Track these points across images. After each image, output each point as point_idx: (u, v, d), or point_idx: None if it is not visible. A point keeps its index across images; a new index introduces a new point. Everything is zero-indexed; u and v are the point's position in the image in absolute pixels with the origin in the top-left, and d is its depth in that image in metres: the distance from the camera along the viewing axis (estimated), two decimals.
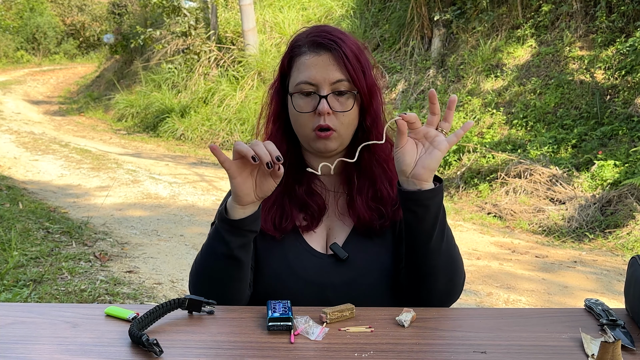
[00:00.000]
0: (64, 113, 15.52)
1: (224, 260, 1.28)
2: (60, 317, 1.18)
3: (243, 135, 10.76)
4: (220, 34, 13.03)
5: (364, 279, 1.35)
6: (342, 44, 1.34)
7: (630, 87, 7.25)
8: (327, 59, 1.34)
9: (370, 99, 1.38)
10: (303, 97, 1.36)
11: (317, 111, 1.33)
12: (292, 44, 1.40)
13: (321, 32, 1.37)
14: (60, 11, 28.68)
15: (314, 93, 1.34)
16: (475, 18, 9.62)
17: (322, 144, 1.36)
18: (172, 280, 4.27)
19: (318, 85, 1.34)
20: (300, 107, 1.36)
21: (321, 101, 1.33)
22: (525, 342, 1.10)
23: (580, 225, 5.88)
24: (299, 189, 1.42)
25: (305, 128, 1.37)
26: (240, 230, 1.26)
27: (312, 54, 1.35)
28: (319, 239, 1.42)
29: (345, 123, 1.36)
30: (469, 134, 7.93)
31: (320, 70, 1.34)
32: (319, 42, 1.35)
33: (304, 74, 1.35)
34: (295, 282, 1.35)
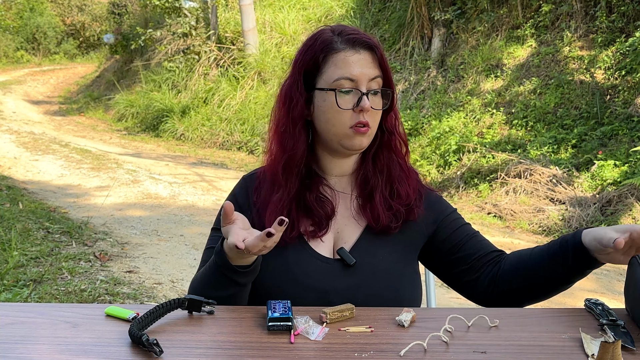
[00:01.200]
0: (64, 113, 15.52)
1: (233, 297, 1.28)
2: (60, 317, 1.18)
3: (243, 135, 10.76)
4: (220, 34, 13.03)
5: (370, 284, 1.34)
6: (377, 43, 1.39)
7: (630, 87, 7.25)
8: (368, 57, 1.36)
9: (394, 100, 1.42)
10: (343, 95, 1.34)
11: (360, 107, 1.33)
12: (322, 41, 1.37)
13: (355, 31, 1.39)
14: (60, 11, 28.67)
15: (355, 90, 1.34)
16: (475, 18, 9.62)
17: (358, 141, 1.35)
18: (172, 280, 4.27)
19: (358, 82, 1.34)
20: (341, 103, 1.34)
21: (363, 98, 1.33)
22: (525, 342, 1.10)
23: (581, 225, 5.87)
24: (309, 195, 1.40)
25: (342, 126, 1.35)
26: (252, 271, 1.27)
27: (353, 51, 1.35)
28: (327, 242, 1.40)
29: (376, 120, 1.38)
30: (468, 134, 7.94)
31: (359, 66, 1.34)
32: (360, 40, 1.36)
33: (345, 70, 1.34)
34: (295, 287, 1.33)
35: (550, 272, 1.32)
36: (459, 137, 7.84)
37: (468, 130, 8.02)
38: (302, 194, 1.40)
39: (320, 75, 1.37)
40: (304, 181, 1.41)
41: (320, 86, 1.37)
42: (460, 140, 7.73)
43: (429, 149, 8.05)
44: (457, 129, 8.11)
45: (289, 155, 1.39)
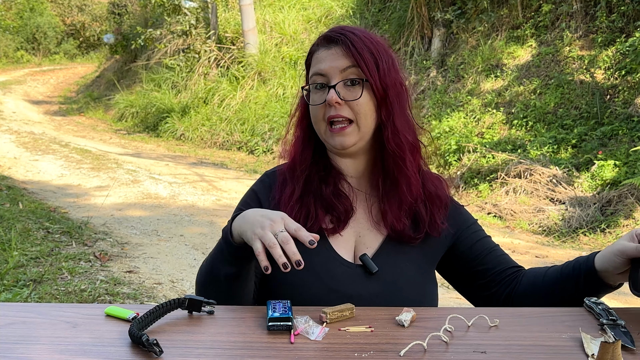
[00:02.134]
0: (64, 113, 15.52)
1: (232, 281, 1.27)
2: (60, 317, 1.18)
3: (243, 135, 10.76)
4: (220, 34, 13.04)
5: (393, 293, 1.33)
6: (351, 36, 1.33)
7: (630, 87, 7.25)
8: (337, 50, 1.33)
9: (386, 92, 1.33)
10: (316, 91, 1.35)
11: (327, 101, 1.31)
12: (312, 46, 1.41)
13: (334, 28, 1.38)
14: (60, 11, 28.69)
15: (325, 85, 1.33)
16: (475, 18, 9.63)
17: (338, 140, 1.33)
18: (172, 280, 4.27)
19: (328, 76, 1.33)
20: (313, 100, 1.35)
21: (329, 91, 1.31)
22: (525, 342, 1.10)
23: (581, 225, 5.88)
24: (325, 189, 1.38)
25: (319, 122, 1.35)
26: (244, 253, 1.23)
27: (323, 48, 1.35)
28: (347, 245, 1.38)
29: (361, 113, 1.32)
30: (468, 134, 7.94)
31: (329, 61, 1.33)
32: (329, 37, 1.35)
33: (315, 67, 1.36)
34: (321, 289, 1.32)
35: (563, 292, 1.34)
36: (459, 137, 7.84)
37: (468, 130, 8.02)
38: (319, 188, 1.38)
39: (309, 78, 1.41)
40: (321, 174, 1.39)
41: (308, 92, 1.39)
42: (460, 140, 7.73)
43: (429, 149, 8.05)
44: (457, 129, 8.11)
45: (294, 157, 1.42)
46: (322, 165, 1.40)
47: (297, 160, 1.40)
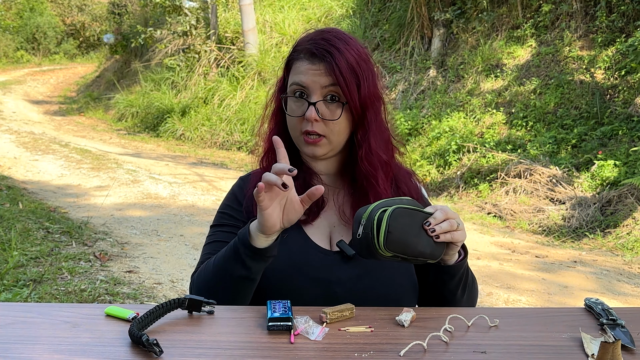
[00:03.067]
0: (64, 113, 15.53)
1: (241, 282, 1.30)
2: (60, 317, 1.18)
3: (243, 135, 10.76)
4: (220, 34, 13.04)
5: (371, 275, 1.36)
6: (337, 55, 1.33)
7: (630, 87, 7.25)
8: (320, 67, 1.35)
9: (364, 112, 1.37)
10: (295, 100, 1.38)
11: (305, 117, 1.35)
12: (294, 47, 1.42)
13: (321, 39, 1.37)
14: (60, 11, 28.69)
15: (304, 99, 1.36)
16: (475, 18, 9.63)
17: (310, 149, 1.39)
18: (172, 280, 4.27)
19: (308, 90, 1.35)
20: (291, 110, 1.39)
21: (309, 108, 1.34)
22: (525, 342, 1.10)
23: (580, 225, 5.88)
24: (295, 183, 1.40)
25: (295, 130, 1.40)
26: (263, 257, 1.27)
27: (307, 62, 1.36)
28: (323, 235, 1.42)
29: (335, 131, 1.37)
30: (468, 134, 7.94)
31: (312, 77, 1.35)
32: (313, 52, 1.36)
33: (297, 77, 1.37)
34: (300, 278, 1.35)
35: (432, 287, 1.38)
36: (459, 137, 7.84)
37: (468, 130, 8.02)
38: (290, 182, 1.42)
39: (287, 80, 1.42)
40: None
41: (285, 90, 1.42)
42: (460, 140, 7.73)
43: (429, 149, 8.05)
44: (457, 129, 8.11)
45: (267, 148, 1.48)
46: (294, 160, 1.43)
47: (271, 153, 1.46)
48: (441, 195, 7.28)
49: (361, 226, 1.21)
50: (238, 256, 1.28)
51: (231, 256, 1.29)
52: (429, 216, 1.23)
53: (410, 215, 1.21)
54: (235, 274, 1.28)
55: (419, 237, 1.21)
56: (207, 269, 1.36)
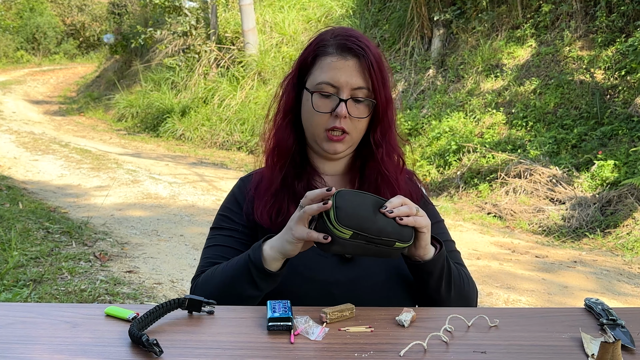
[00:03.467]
0: (64, 113, 15.53)
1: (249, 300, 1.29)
2: (60, 317, 1.18)
3: (243, 135, 10.76)
4: (220, 34, 13.04)
5: (370, 277, 1.36)
6: (368, 52, 1.35)
7: (630, 87, 7.25)
8: (354, 64, 1.35)
9: (386, 110, 1.39)
10: (322, 98, 1.37)
11: (335, 113, 1.35)
12: (317, 42, 1.40)
13: (350, 36, 1.37)
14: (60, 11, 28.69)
15: (334, 95, 1.36)
16: (475, 18, 9.63)
17: (332, 146, 1.38)
18: (172, 280, 4.27)
19: (339, 88, 1.35)
20: (318, 106, 1.37)
21: (340, 104, 1.34)
22: (525, 342, 1.10)
23: (580, 225, 5.88)
24: (298, 184, 1.42)
25: (318, 127, 1.38)
26: (276, 279, 1.28)
27: (339, 57, 1.36)
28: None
29: (358, 128, 1.38)
30: (468, 134, 7.93)
31: (344, 74, 1.35)
32: (348, 47, 1.36)
33: (327, 75, 1.36)
34: (298, 280, 1.35)
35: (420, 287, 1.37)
36: (459, 137, 7.84)
37: (468, 130, 8.02)
38: (292, 183, 1.43)
39: (309, 76, 1.40)
40: (296, 170, 1.44)
41: (307, 86, 1.40)
42: (460, 140, 7.73)
43: (429, 149, 8.05)
44: (457, 129, 8.11)
45: (276, 146, 1.44)
46: (298, 160, 1.44)
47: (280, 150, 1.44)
48: (441, 195, 7.28)
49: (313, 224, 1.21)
50: (249, 278, 1.27)
51: (242, 277, 1.28)
52: (384, 201, 1.22)
53: (359, 195, 1.21)
54: (245, 294, 1.28)
55: (375, 216, 1.18)
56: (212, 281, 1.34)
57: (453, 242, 1.51)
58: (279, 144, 1.44)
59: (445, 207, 6.56)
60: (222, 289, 1.31)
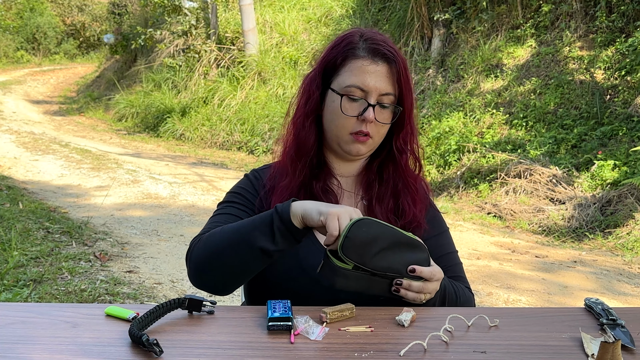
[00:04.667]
0: (64, 113, 15.52)
1: (257, 257, 1.24)
2: (60, 317, 1.18)
3: (243, 135, 10.76)
4: (220, 34, 13.04)
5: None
6: (398, 59, 1.38)
7: (630, 87, 7.25)
8: (385, 70, 1.37)
9: (410, 117, 1.42)
10: (350, 101, 1.37)
11: (363, 117, 1.36)
12: (346, 43, 1.40)
13: (381, 40, 1.38)
14: (60, 11, 28.69)
15: (362, 99, 1.36)
16: (475, 18, 9.62)
17: (355, 147, 1.39)
18: (172, 280, 4.27)
19: (368, 92, 1.36)
20: (346, 109, 1.37)
21: (368, 109, 1.35)
22: (525, 342, 1.10)
23: (580, 225, 5.88)
24: (316, 184, 1.42)
25: (343, 130, 1.38)
26: (296, 238, 1.25)
27: (371, 61, 1.37)
28: None
29: (381, 133, 1.40)
30: (468, 134, 7.93)
31: (374, 78, 1.36)
32: (381, 52, 1.37)
33: (358, 78, 1.36)
34: (306, 281, 1.34)
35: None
36: (459, 137, 7.84)
37: (468, 130, 8.02)
38: (310, 183, 1.42)
39: (337, 77, 1.40)
40: (313, 171, 1.44)
41: (334, 87, 1.39)
42: (460, 140, 7.73)
43: (429, 149, 8.05)
44: (457, 129, 8.11)
45: (298, 145, 1.43)
46: (316, 160, 1.44)
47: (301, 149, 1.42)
48: (441, 195, 7.28)
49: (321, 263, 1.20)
50: (269, 228, 1.23)
51: (260, 226, 1.24)
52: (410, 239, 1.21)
53: (381, 227, 1.18)
54: (257, 245, 1.23)
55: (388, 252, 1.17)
56: (221, 233, 1.29)
57: (456, 253, 1.51)
58: (301, 143, 1.42)
59: (445, 207, 6.57)
60: (232, 238, 1.26)
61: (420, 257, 1.22)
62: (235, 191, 1.47)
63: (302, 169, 1.42)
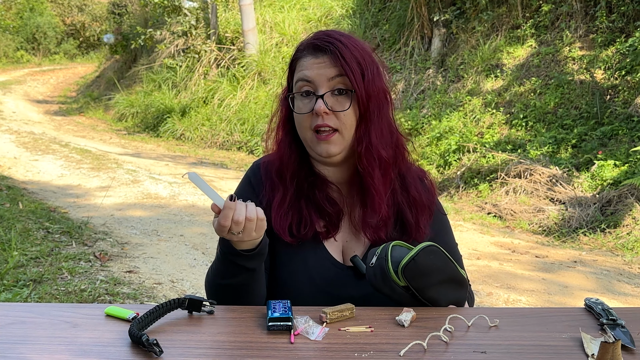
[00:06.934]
0: (64, 113, 15.52)
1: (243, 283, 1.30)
2: (60, 317, 1.18)
3: (243, 135, 10.76)
4: (220, 34, 13.04)
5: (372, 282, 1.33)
6: (339, 45, 1.32)
7: (630, 87, 7.25)
8: (324, 59, 1.33)
9: (368, 103, 1.33)
10: (302, 98, 1.34)
11: (314, 110, 1.31)
12: (296, 51, 1.40)
13: (321, 35, 1.36)
14: (60, 11, 28.68)
15: (312, 94, 1.33)
16: (475, 18, 9.62)
17: (324, 148, 1.33)
18: (172, 280, 4.27)
19: (315, 84, 1.32)
20: (299, 108, 1.35)
21: (317, 101, 1.31)
22: (525, 342, 1.10)
23: (581, 225, 5.87)
24: (318, 194, 1.39)
25: (305, 130, 1.34)
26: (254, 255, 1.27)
27: (311, 57, 1.34)
28: (337, 249, 1.40)
29: (347, 124, 1.32)
30: (468, 134, 7.93)
31: (316, 69, 1.33)
32: (317, 45, 1.34)
33: (302, 73, 1.34)
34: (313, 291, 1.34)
35: None
36: (459, 137, 7.84)
37: (468, 130, 8.02)
38: (311, 192, 1.40)
39: (292, 82, 1.39)
40: (309, 179, 1.40)
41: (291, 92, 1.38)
42: (460, 140, 7.73)
43: (429, 149, 8.05)
44: (457, 129, 8.11)
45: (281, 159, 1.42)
46: (307, 170, 1.41)
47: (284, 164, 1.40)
48: (441, 195, 7.28)
49: (375, 256, 1.23)
50: (233, 264, 1.28)
51: (227, 267, 1.29)
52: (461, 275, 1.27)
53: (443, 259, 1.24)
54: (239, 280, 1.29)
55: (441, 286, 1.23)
56: (210, 276, 1.36)
57: (460, 257, 1.50)
58: (282, 156, 1.41)
59: (445, 207, 6.55)
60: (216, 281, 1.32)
61: (462, 295, 1.29)
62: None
63: (292, 180, 1.39)
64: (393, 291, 1.21)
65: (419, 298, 1.22)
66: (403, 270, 1.19)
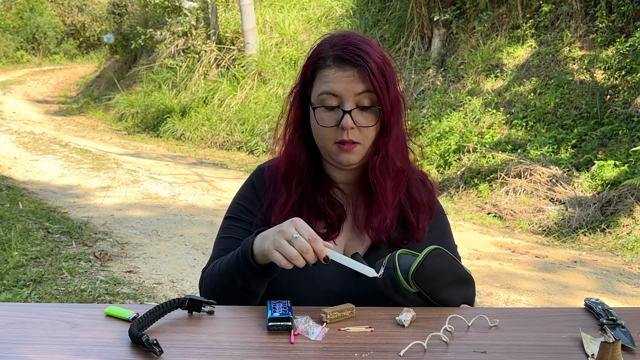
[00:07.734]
0: (64, 113, 15.52)
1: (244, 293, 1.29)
2: (60, 317, 1.18)
3: (243, 135, 10.76)
4: (220, 34, 13.04)
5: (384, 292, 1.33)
6: (367, 59, 1.31)
7: (630, 87, 7.25)
8: (353, 74, 1.31)
9: (390, 117, 1.34)
10: (326, 111, 1.33)
11: (341, 126, 1.31)
12: (316, 54, 1.37)
13: (347, 44, 1.33)
14: (60, 11, 28.68)
15: (338, 107, 1.32)
16: (475, 18, 9.62)
17: (345, 158, 1.34)
18: (172, 280, 4.27)
19: (342, 98, 1.31)
20: (323, 120, 1.33)
21: (345, 116, 1.30)
22: (525, 342, 1.10)
23: (581, 225, 5.87)
24: (320, 198, 1.40)
25: (327, 141, 1.34)
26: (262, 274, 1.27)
27: (337, 69, 1.32)
28: (338, 247, 1.41)
29: (369, 137, 1.34)
30: (468, 134, 7.93)
31: (344, 83, 1.31)
32: (345, 58, 1.31)
33: (327, 86, 1.32)
34: (312, 290, 1.34)
35: None
36: (459, 137, 7.84)
37: (468, 130, 8.02)
38: (313, 197, 1.40)
39: (312, 89, 1.37)
40: (313, 184, 1.41)
41: (312, 100, 1.37)
42: (460, 141, 7.73)
43: (429, 149, 8.05)
44: (457, 129, 8.11)
45: (289, 162, 1.41)
46: (314, 172, 1.41)
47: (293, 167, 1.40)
48: (441, 196, 7.27)
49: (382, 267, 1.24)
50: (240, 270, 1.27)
51: (234, 267, 1.28)
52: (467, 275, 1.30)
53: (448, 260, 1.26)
54: (239, 285, 1.28)
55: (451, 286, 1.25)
56: (213, 272, 1.35)
57: (459, 258, 1.49)
58: (291, 159, 1.40)
59: (445, 208, 6.55)
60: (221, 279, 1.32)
61: (471, 293, 1.31)
62: (239, 202, 1.46)
63: (298, 185, 1.39)
64: (405, 298, 1.23)
65: (432, 302, 1.23)
66: (413, 276, 1.20)
